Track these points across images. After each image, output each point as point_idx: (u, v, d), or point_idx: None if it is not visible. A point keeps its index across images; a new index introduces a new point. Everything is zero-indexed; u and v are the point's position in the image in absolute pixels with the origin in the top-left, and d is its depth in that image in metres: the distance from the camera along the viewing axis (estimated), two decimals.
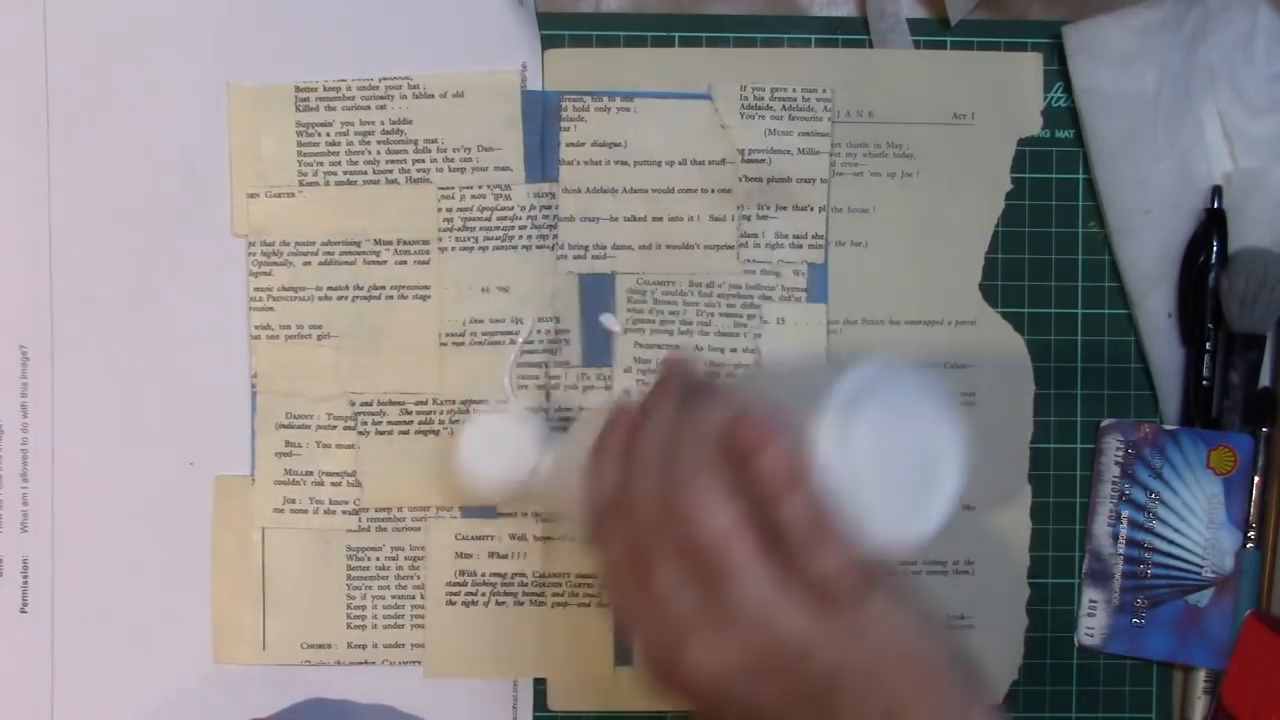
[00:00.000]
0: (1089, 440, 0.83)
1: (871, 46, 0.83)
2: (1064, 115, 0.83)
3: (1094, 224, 0.83)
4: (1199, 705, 0.81)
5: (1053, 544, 0.83)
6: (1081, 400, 0.83)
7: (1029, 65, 0.83)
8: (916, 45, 0.83)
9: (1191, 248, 0.81)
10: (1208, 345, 0.81)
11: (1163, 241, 0.82)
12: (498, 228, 0.82)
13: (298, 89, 0.82)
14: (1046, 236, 0.83)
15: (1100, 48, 0.81)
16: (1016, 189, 0.83)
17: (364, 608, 0.82)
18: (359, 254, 0.82)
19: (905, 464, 0.57)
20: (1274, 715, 0.76)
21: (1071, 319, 0.83)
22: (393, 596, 0.82)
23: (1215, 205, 0.81)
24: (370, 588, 0.82)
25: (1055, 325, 0.83)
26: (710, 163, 0.82)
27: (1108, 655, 0.83)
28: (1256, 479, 0.81)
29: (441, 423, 0.82)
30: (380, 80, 0.82)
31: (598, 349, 0.82)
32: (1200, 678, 0.82)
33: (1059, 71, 0.82)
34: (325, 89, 0.82)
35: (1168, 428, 0.81)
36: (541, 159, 0.82)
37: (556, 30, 0.82)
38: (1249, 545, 0.80)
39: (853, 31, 0.83)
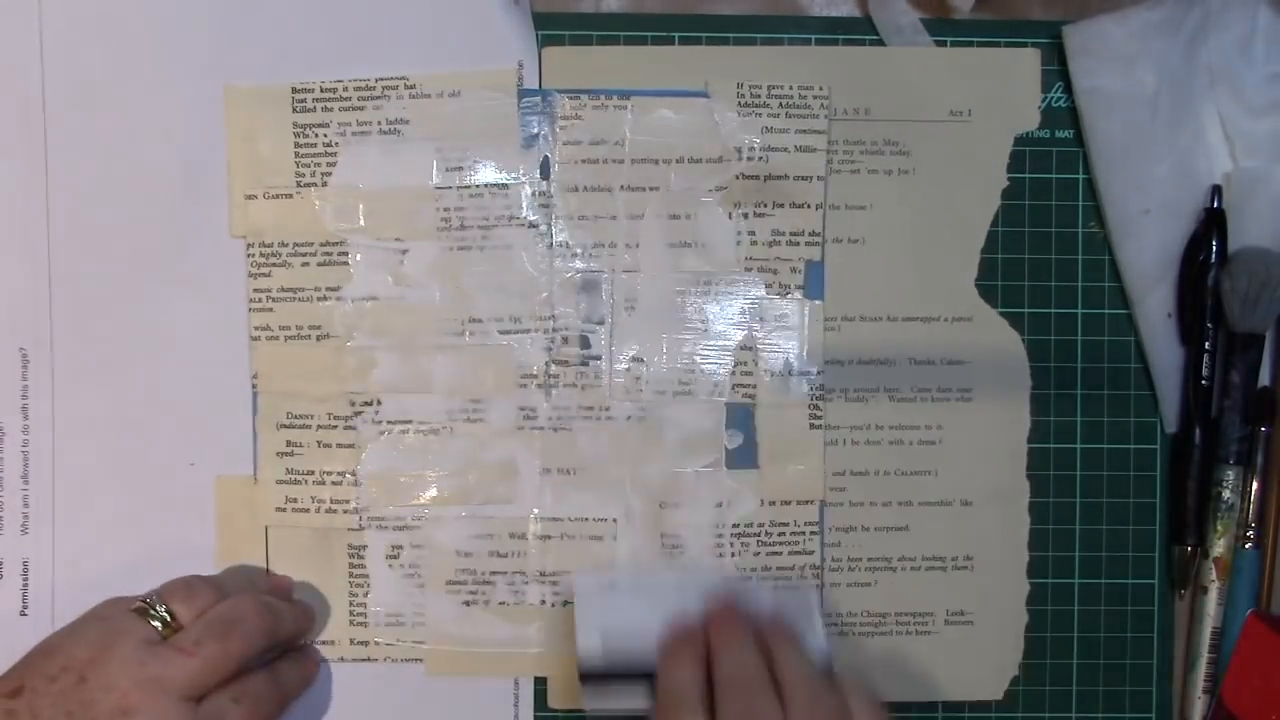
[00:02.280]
0: (1089, 440, 0.83)
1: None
2: (1064, 115, 0.83)
3: (1094, 224, 0.83)
4: (1199, 705, 0.82)
5: (1053, 544, 0.83)
6: (1081, 400, 0.83)
7: (1026, 61, 0.83)
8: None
9: (1191, 248, 0.81)
10: (1207, 345, 0.81)
11: (1163, 241, 0.82)
12: (495, 227, 0.82)
13: (294, 90, 0.81)
14: (1046, 236, 0.83)
15: (1100, 48, 0.80)
16: (1016, 189, 0.83)
17: (365, 605, 0.82)
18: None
19: None
20: (1274, 715, 0.76)
21: (1071, 319, 0.83)
22: (395, 594, 0.82)
23: (1215, 205, 0.81)
24: (372, 585, 0.82)
25: (1055, 325, 0.83)
26: (707, 160, 0.82)
27: (1107, 655, 0.83)
28: (1255, 479, 0.81)
29: (441, 421, 0.82)
30: (377, 80, 0.81)
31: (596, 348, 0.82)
32: (1200, 678, 0.82)
33: (1059, 72, 0.82)
34: (322, 90, 0.81)
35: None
36: (538, 157, 0.82)
37: (556, 30, 0.82)
38: (1248, 545, 0.81)
39: (853, 31, 0.83)
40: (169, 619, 0.71)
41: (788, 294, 0.82)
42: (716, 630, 0.72)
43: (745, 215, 0.82)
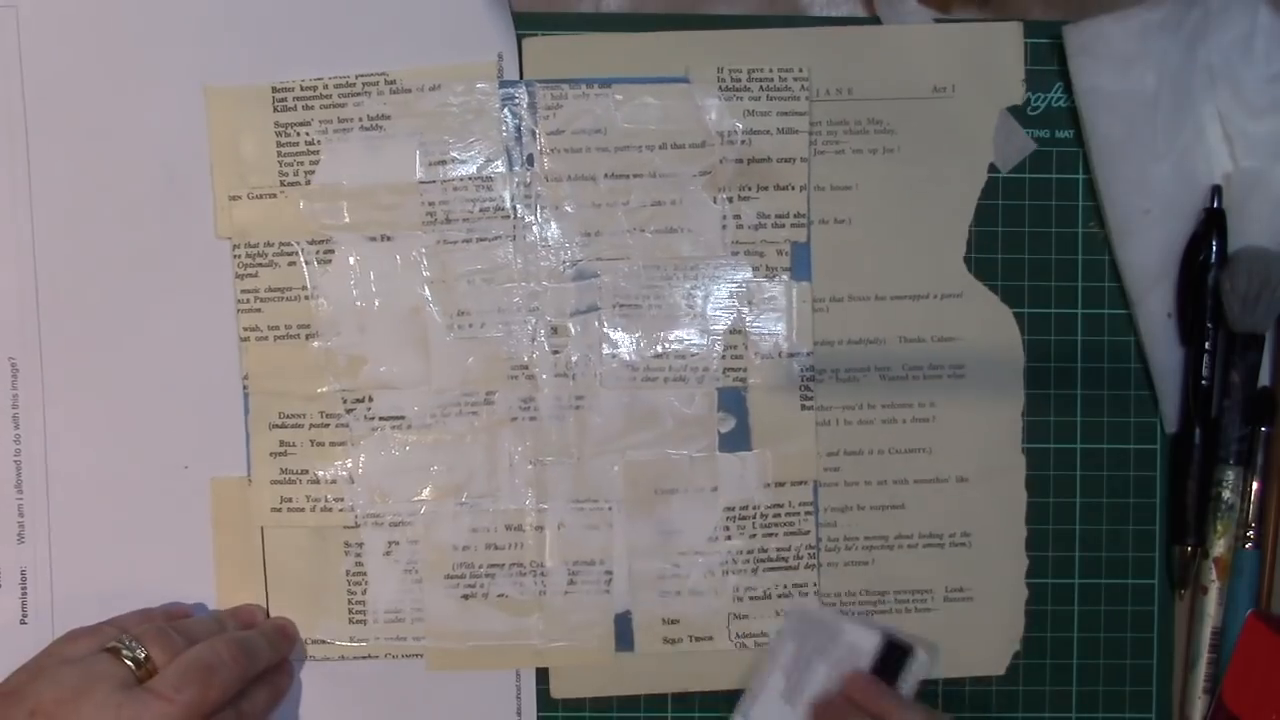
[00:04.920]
0: (1089, 440, 0.83)
1: None
2: (1064, 115, 0.82)
3: (1094, 224, 0.82)
4: (1199, 705, 0.82)
5: (1052, 544, 0.83)
6: (1081, 400, 0.83)
7: (1008, 35, 0.82)
8: None
9: (1191, 247, 0.80)
10: (1207, 345, 0.80)
11: (1163, 241, 0.81)
12: (480, 219, 0.81)
13: (275, 89, 0.80)
14: (1046, 236, 0.82)
15: (1101, 48, 0.79)
16: (1016, 189, 0.82)
17: (364, 602, 0.82)
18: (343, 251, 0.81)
19: None
20: (1274, 715, 0.77)
21: (1071, 319, 0.82)
22: (393, 591, 0.82)
23: (1215, 205, 0.80)
24: (370, 582, 0.82)
25: (1055, 325, 0.82)
26: (690, 145, 0.81)
27: (1107, 656, 0.83)
28: (1255, 479, 0.81)
29: (433, 416, 0.81)
30: (357, 77, 0.80)
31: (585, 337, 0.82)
32: (1200, 678, 0.82)
33: (1059, 72, 0.81)
34: (302, 88, 0.80)
35: None
36: (521, 148, 0.81)
37: (556, 30, 0.81)
38: (1248, 545, 0.81)
39: None
40: (143, 660, 0.70)
41: (775, 276, 0.82)
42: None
43: (730, 199, 0.81)
